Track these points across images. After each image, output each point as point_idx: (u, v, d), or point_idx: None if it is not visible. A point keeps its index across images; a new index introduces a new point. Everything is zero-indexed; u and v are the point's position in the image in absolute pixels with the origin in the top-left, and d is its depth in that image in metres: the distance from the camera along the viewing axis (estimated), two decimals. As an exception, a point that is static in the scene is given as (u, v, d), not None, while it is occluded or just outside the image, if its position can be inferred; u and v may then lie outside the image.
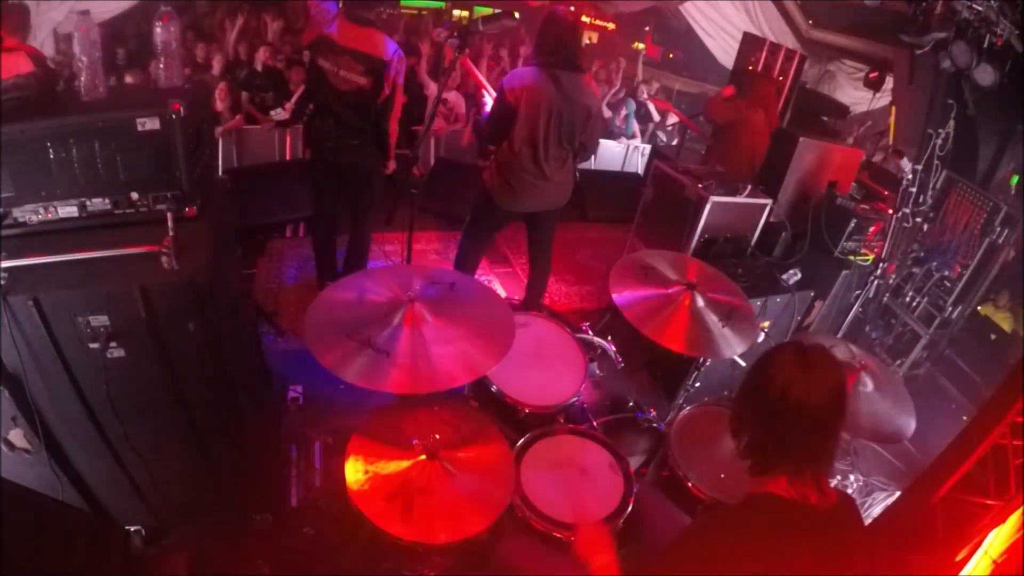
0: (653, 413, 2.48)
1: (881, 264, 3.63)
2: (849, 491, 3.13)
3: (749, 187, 3.77)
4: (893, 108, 4.33)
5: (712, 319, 2.29)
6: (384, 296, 1.95)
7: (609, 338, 2.68)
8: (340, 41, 3.13)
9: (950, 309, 3.67)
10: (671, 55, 9.59)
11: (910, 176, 3.56)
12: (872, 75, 4.90)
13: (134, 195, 1.79)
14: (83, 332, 1.67)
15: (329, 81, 3.18)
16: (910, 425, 2.27)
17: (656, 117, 7.00)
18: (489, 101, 3.60)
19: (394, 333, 1.83)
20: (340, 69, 3.16)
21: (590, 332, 2.66)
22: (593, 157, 6.35)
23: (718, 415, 2.33)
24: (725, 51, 6.68)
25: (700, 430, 2.26)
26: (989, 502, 1.82)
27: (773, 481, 1.25)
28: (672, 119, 6.96)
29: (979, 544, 1.79)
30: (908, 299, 3.90)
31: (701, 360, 2.73)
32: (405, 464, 1.80)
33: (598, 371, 2.52)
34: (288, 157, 5.30)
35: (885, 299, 3.92)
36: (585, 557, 1.51)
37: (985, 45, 3.12)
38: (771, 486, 1.25)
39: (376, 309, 1.90)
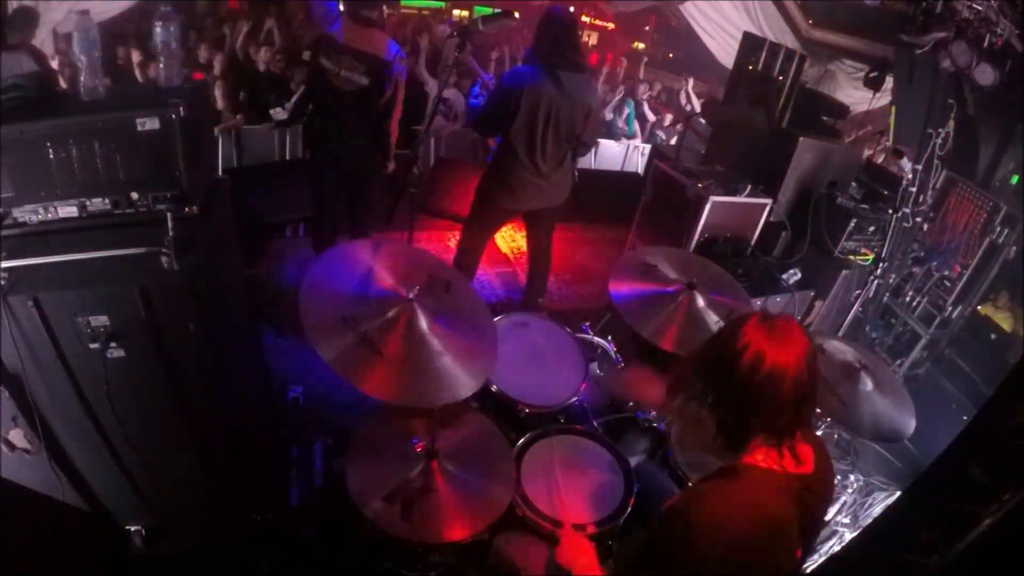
0: (653, 413, 2.48)
1: (881, 264, 3.63)
2: (849, 491, 3.13)
3: (749, 187, 3.77)
4: (893, 108, 4.33)
5: (711, 319, 2.29)
6: (386, 282, 1.85)
7: (609, 338, 2.69)
8: (342, 41, 3.13)
9: (950, 309, 3.67)
10: (671, 55, 9.59)
11: (910, 176, 3.56)
12: (872, 74, 4.90)
13: (134, 195, 1.78)
14: (83, 332, 1.67)
15: (330, 81, 3.18)
16: (910, 425, 2.27)
17: (652, 117, 7.00)
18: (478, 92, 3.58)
19: (386, 328, 1.74)
20: (342, 69, 3.16)
21: (590, 332, 2.66)
22: (593, 157, 6.38)
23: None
24: (725, 51, 6.68)
25: (700, 430, 2.26)
26: (989, 502, 1.82)
27: (749, 454, 1.25)
28: (670, 117, 6.96)
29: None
30: (908, 299, 3.90)
31: (701, 360, 2.72)
32: (405, 464, 1.80)
33: (598, 371, 2.52)
34: (288, 157, 5.30)
35: (885, 299, 3.92)
36: (568, 564, 1.54)
37: (985, 45, 3.12)
38: (747, 458, 1.24)
39: (375, 292, 1.80)
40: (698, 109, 6.60)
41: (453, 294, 1.94)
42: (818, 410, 2.27)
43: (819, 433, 2.78)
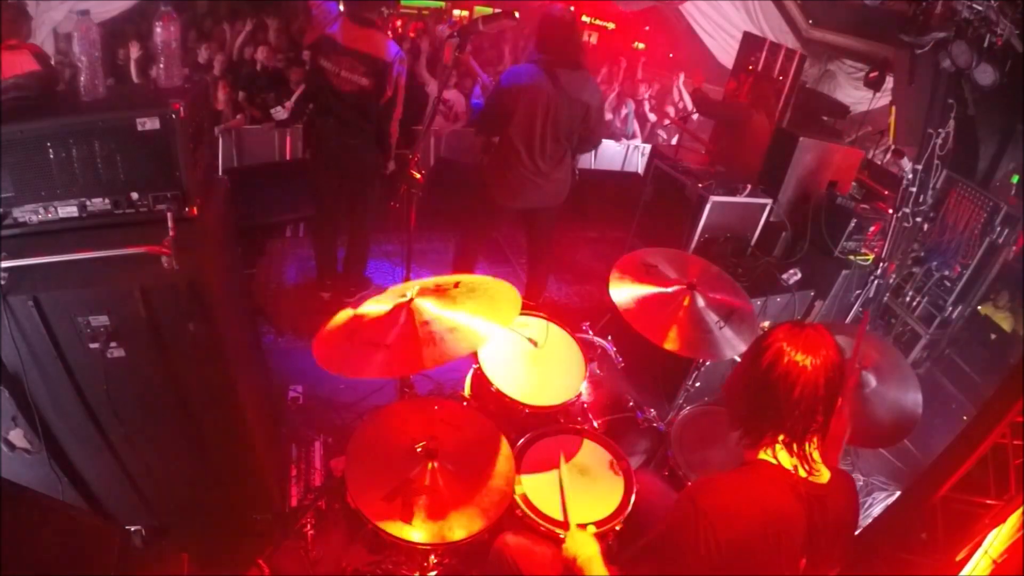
0: (653, 413, 2.48)
1: (881, 264, 3.63)
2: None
3: (749, 187, 3.77)
4: (893, 108, 4.33)
5: (712, 319, 2.29)
6: (386, 310, 1.90)
7: (609, 338, 2.68)
8: (342, 42, 3.13)
9: (950, 309, 3.67)
10: (671, 55, 9.58)
11: (910, 176, 3.56)
12: (872, 75, 4.90)
13: (134, 195, 1.78)
14: (83, 332, 1.67)
15: (330, 81, 3.18)
16: (918, 403, 2.19)
17: (653, 117, 7.00)
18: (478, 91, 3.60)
19: (400, 331, 1.80)
20: (342, 70, 3.16)
21: (590, 332, 2.66)
22: (593, 156, 6.39)
23: (718, 415, 2.33)
24: (725, 51, 6.68)
25: (700, 430, 2.26)
26: (989, 502, 1.82)
27: (764, 452, 1.29)
28: (671, 115, 6.95)
29: (979, 544, 1.79)
30: (908, 299, 3.89)
31: (701, 360, 2.73)
32: (405, 464, 1.80)
33: (598, 371, 2.52)
34: (288, 157, 5.30)
35: (885, 299, 3.92)
36: (573, 561, 1.58)
37: (985, 45, 3.12)
38: (762, 455, 1.29)
39: (380, 320, 1.86)
40: (690, 106, 6.60)
41: (463, 286, 1.96)
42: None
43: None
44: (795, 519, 1.24)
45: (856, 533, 2.43)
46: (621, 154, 6.66)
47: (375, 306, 1.89)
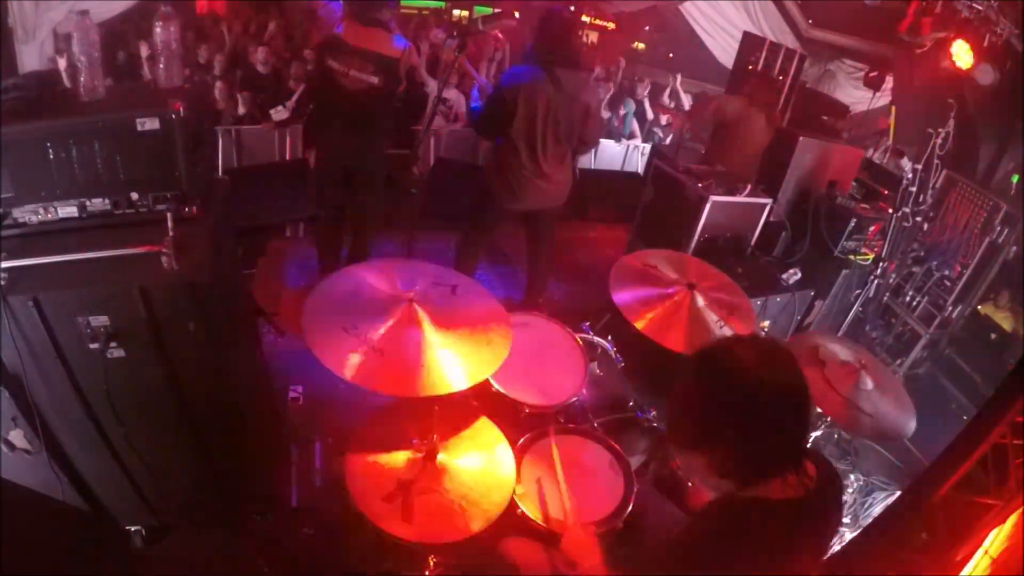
0: (653, 413, 2.48)
1: (881, 263, 3.63)
2: (849, 491, 3.13)
3: (749, 187, 3.77)
4: (893, 108, 4.33)
5: (712, 319, 2.29)
6: (385, 291, 1.91)
7: (609, 338, 2.68)
8: (350, 42, 3.12)
9: (950, 308, 3.67)
10: (671, 55, 9.59)
11: (910, 175, 3.56)
12: (872, 74, 4.90)
13: (134, 195, 1.79)
14: (83, 332, 1.67)
15: (338, 82, 3.17)
16: (910, 424, 2.27)
17: (651, 115, 7.00)
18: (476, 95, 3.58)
19: (390, 332, 1.81)
20: (351, 69, 3.15)
21: (590, 332, 2.66)
22: (593, 156, 6.38)
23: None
24: (725, 51, 6.68)
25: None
26: (989, 502, 1.83)
27: (754, 489, 1.18)
28: (666, 118, 6.95)
29: (979, 544, 1.79)
30: (908, 298, 3.90)
31: (701, 360, 2.73)
32: (405, 464, 1.80)
33: (598, 371, 2.51)
34: (288, 157, 5.30)
35: (885, 298, 3.92)
36: (573, 558, 1.56)
37: (985, 45, 3.12)
38: (758, 490, 1.18)
39: (375, 304, 1.86)
40: (686, 106, 6.61)
41: (459, 296, 1.96)
42: (819, 409, 2.27)
43: (819, 433, 2.79)
44: (800, 545, 1.20)
45: (855, 533, 2.44)
46: (621, 154, 6.65)
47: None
